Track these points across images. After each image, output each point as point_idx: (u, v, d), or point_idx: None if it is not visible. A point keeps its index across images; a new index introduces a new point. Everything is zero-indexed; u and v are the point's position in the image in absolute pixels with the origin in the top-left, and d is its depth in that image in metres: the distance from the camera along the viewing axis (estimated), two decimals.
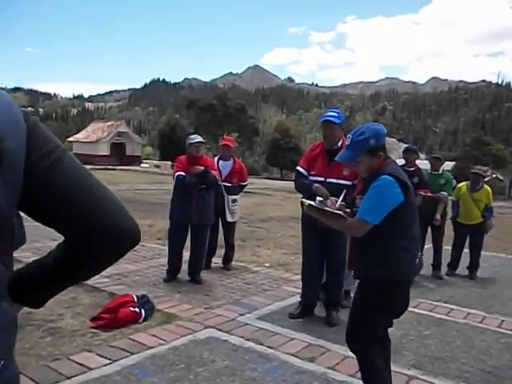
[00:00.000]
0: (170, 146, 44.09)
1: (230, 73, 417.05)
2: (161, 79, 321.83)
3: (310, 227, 3.85)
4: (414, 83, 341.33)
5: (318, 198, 2.49)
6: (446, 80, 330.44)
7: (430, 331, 3.87)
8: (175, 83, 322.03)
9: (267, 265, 6.16)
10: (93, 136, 43.61)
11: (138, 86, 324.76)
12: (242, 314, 3.98)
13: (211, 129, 39.32)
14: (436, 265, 5.99)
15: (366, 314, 2.33)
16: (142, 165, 42.68)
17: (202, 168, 4.87)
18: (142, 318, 3.68)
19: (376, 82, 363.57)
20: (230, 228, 5.64)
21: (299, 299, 4.17)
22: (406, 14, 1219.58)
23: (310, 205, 2.45)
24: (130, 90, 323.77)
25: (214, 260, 5.73)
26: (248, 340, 3.40)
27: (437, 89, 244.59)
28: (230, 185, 5.47)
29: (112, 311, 3.63)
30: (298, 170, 4.02)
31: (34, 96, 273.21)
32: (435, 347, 3.52)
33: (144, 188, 19.27)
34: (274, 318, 3.93)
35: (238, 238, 6.70)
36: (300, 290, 4.80)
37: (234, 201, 5.55)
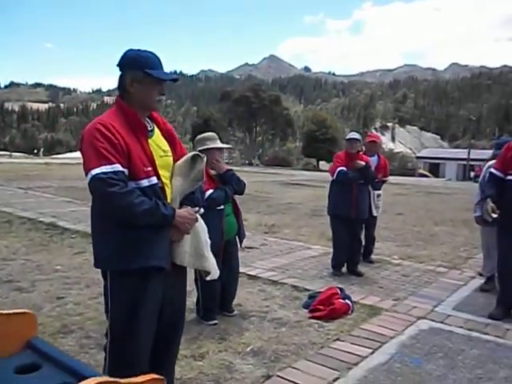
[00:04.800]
0: None
1: (246, 63, 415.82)
2: (178, 71, 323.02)
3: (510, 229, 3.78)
4: (433, 70, 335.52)
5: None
6: (466, 66, 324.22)
7: None
8: (192, 75, 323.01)
9: (396, 257, 6.32)
10: None
11: None
12: (435, 306, 4.15)
13: (245, 121, 39.47)
14: None
15: None
16: None
17: (364, 163, 5.04)
18: (351, 310, 3.88)
19: (395, 69, 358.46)
20: (373, 222, 5.80)
21: (496, 300, 3.99)
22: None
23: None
24: None
25: None
26: (470, 330, 3.57)
27: (457, 75, 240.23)
28: (376, 180, 5.62)
29: (325, 303, 3.83)
30: (491, 173, 3.94)
31: (54, 91, 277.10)
32: None
33: None
34: (469, 310, 4.08)
35: None
36: (460, 282, 4.97)
37: (379, 195, 5.71)
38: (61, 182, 15.65)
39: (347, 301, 3.91)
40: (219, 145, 3.48)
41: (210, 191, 3.34)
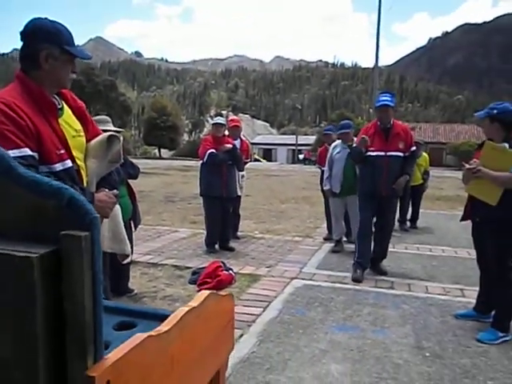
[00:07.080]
0: None
1: None
2: None
3: (368, 196, 4.51)
4: (260, 61, 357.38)
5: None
6: (288, 59, 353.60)
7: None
8: (3, 54, 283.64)
9: (257, 232, 6.94)
10: None
11: None
12: (301, 268, 4.78)
13: None
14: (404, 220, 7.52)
15: None
16: None
17: (231, 146, 5.40)
18: (234, 279, 4.24)
19: (225, 58, 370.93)
20: (238, 200, 6.24)
21: (354, 261, 4.54)
22: None
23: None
24: None
25: None
26: (333, 282, 4.27)
27: (281, 67, 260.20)
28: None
29: (212, 276, 4.11)
30: (352, 148, 4.73)
31: None
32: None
33: None
34: (328, 267, 4.82)
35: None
36: (315, 247, 5.76)
37: (243, 176, 6.17)
38: None
39: (230, 272, 4.26)
40: (111, 128, 3.42)
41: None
